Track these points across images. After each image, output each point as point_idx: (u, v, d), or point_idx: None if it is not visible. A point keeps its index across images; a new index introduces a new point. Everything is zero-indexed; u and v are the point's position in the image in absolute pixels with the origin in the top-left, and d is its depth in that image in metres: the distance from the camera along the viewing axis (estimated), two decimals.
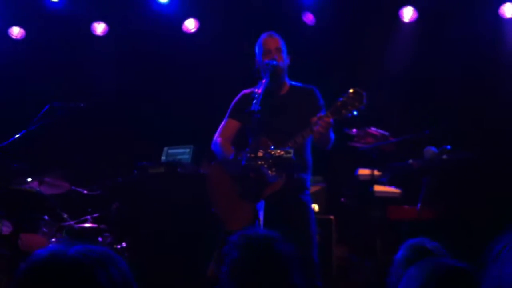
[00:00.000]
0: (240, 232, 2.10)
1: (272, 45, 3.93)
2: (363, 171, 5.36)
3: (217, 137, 4.03)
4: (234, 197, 3.68)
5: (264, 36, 4.00)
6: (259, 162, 3.44)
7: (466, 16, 6.24)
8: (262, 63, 3.89)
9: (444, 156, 4.95)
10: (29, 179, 5.34)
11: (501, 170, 5.75)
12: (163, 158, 5.57)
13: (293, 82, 4.06)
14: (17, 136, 4.96)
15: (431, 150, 5.00)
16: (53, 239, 5.25)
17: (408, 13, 6.48)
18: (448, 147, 5.01)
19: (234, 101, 4.08)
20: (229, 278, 1.97)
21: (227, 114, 4.08)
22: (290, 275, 1.98)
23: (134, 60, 6.94)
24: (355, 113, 3.57)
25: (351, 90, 3.57)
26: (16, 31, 6.96)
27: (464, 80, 6.17)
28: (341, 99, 3.57)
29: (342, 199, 5.60)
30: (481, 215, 4.98)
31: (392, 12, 6.53)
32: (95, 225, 5.45)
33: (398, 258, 2.48)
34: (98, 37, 7.01)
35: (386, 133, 5.29)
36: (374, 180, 5.13)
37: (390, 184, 5.37)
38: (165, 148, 5.66)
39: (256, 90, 3.65)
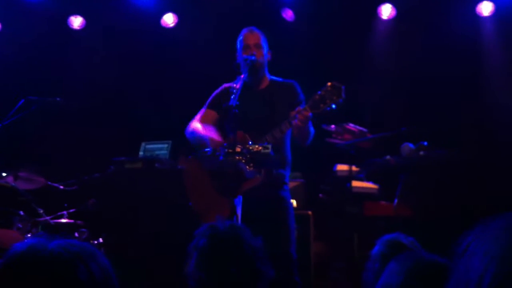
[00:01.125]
0: (207, 224, 2.13)
1: (251, 41, 3.93)
2: (341, 167, 5.38)
3: (193, 123, 3.99)
4: (211, 192, 3.67)
5: (244, 31, 4.00)
6: (237, 158, 3.43)
7: (444, 13, 6.30)
8: (241, 58, 3.89)
9: (421, 153, 5.00)
10: (4, 174, 5.26)
11: (477, 166, 5.82)
12: (140, 153, 5.53)
13: (273, 77, 4.06)
14: None
15: (408, 146, 5.04)
16: (28, 235, 5.18)
17: (386, 11, 6.52)
18: (425, 143, 5.05)
19: (214, 93, 4.07)
20: (196, 266, 1.99)
21: (206, 105, 4.06)
22: (255, 262, 2.00)
23: (112, 54, 6.87)
24: (333, 106, 3.58)
25: (329, 84, 3.59)
26: None
27: (441, 77, 6.23)
28: (319, 92, 3.58)
29: (320, 195, 5.62)
30: (456, 211, 5.03)
31: (371, 9, 6.57)
32: (72, 221, 5.39)
33: (374, 253, 2.49)
34: (75, 31, 6.93)
35: (364, 130, 5.31)
36: (352, 176, 5.16)
37: (367, 180, 5.41)
38: (143, 144, 5.63)
39: (235, 85, 3.65)
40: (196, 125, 3.95)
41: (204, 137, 3.78)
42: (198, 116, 4.05)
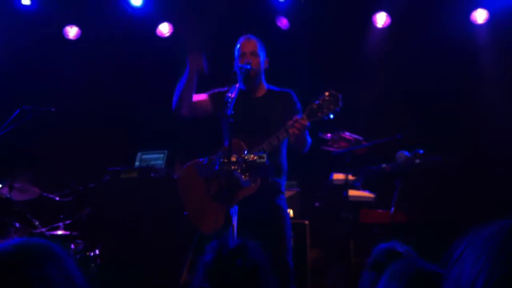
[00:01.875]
0: (216, 240, 2.12)
1: (247, 49, 3.93)
2: (338, 176, 5.38)
3: None
4: (206, 201, 3.65)
5: (242, 39, 4.00)
6: (232, 167, 3.42)
7: (439, 21, 6.32)
8: (236, 67, 3.88)
9: (417, 160, 5.00)
10: None
11: (472, 173, 5.83)
12: (136, 163, 5.52)
13: (270, 86, 4.05)
14: None
15: (403, 154, 5.05)
16: None
17: (381, 19, 6.55)
18: (421, 151, 5.06)
19: (217, 88, 4.04)
20: (202, 281, 1.99)
21: (208, 91, 4.05)
22: (262, 280, 1.99)
23: (107, 64, 6.87)
24: (331, 116, 3.58)
25: (327, 93, 3.59)
26: None
27: (436, 84, 6.24)
28: (317, 101, 3.58)
29: (317, 203, 5.61)
30: (453, 219, 5.02)
31: (365, 18, 6.59)
32: (67, 232, 5.37)
33: (370, 261, 2.48)
34: (70, 41, 6.93)
35: (360, 138, 5.32)
36: (348, 185, 5.16)
37: (364, 189, 5.40)
38: (139, 153, 5.61)
39: (230, 94, 3.64)
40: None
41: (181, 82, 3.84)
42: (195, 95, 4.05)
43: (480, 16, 6.36)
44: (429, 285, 1.62)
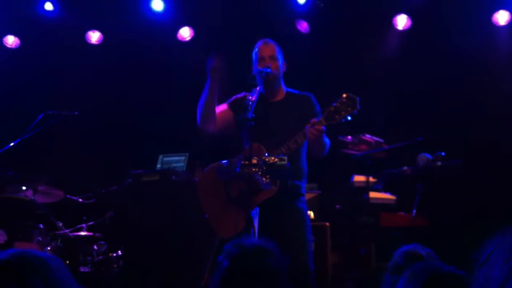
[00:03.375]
0: (235, 241, 2.11)
1: (266, 53, 3.94)
2: (358, 178, 5.36)
3: None
4: (227, 204, 3.67)
5: (260, 43, 4.00)
6: (253, 169, 3.44)
7: (460, 23, 6.27)
8: (256, 71, 3.90)
9: (439, 163, 4.97)
10: (24, 188, 5.33)
11: (494, 177, 5.77)
12: (158, 166, 5.57)
13: (290, 89, 4.06)
14: (11, 144, 4.96)
15: (425, 156, 5.02)
16: (48, 248, 5.23)
17: (402, 21, 6.52)
18: (442, 154, 5.02)
19: (235, 96, 4.05)
20: (219, 286, 1.99)
21: (227, 101, 4.06)
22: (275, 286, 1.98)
23: (129, 68, 6.94)
24: (349, 118, 3.58)
25: (344, 95, 3.59)
26: (11, 40, 6.96)
27: (458, 87, 6.20)
28: (334, 104, 3.58)
29: (337, 206, 5.60)
30: (474, 222, 4.98)
31: (386, 20, 6.57)
32: (90, 234, 5.44)
33: (391, 264, 2.48)
34: (93, 45, 7.02)
35: (381, 140, 5.30)
36: (369, 187, 5.14)
37: (385, 191, 5.38)
38: (160, 156, 5.66)
39: (250, 97, 3.66)
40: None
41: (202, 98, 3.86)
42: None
43: (502, 17, 6.30)
44: (446, 286, 1.61)
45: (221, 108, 4.02)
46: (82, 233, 5.44)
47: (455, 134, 5.94)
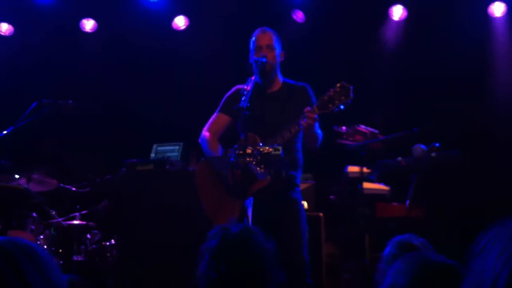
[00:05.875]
0: (219, 226, 2.13)
1: (263, 42, 3.91)
2: (352, 169, 5.37)
3: (205, 132, 4.02)
4: (222, 194, 3.67)
5: (257, 32, 3.97)
6: (248, 159, 3.43)
7: (456, 15, 6.27)
8: (253, 60, 3.88)
9: (433, 154, 4.97)
10: (17, 176, 5.31)
11: (489, 168, 5.79)
12: (152, 155, 5.54)
13: (286, 80, 4.04)
14: (4, 132, 4.93)
15: (420, 147, 5.02)
16: (41, 236, 5.22)
17: (397, 12, 6.51)
18: (437, 144, 5.03)
19: (226, 95, 4.06)
20: (207, 267, 2.00)
21: (218, 108, 4.06)
22: (265, 266, 1.99)
23: (124, 57, 6.91)
24: (342, 107, 3.57)
25: (338, 84, 3.58)
26: (4, 28, 6.92)
27: (452, 78, 6.20)
28: (328, 93, 3.58)
29: (331, 197, 5.61)
30: (469, 213, 5.00)
31: (382, 10, 6.56)
32: (84, 222, 5.43)
33: (385, 254, 2.48)
34: (87, 34, 6.98)
35: (376, 131, 5.30)
36: (363, 178, 5.14)
37: (379, 182, 5.39)
38: (154, 145, 5.63)
39: (245, 87, 3.64)
40: (205, 136, 3.98)
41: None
42: (210, 121, 4.05)
43: (498, 9, 6.29)
44: (441, 277, 1.61)
45: (217, 119, 4.03)
46: (76, 222, 5.43)
47: (450, 125, 5.94)
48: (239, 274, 1.96)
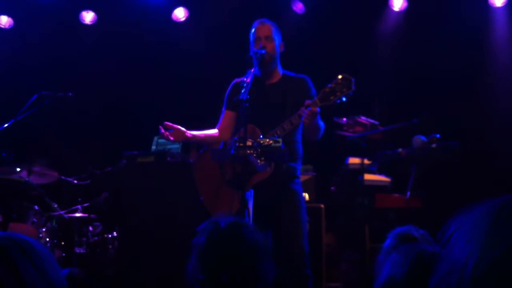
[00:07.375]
0: (210, 220, 2.11)
1: (262, 33, 3.90)
2: (353, 160, 5.37)
3: (217, 130, 4.06)
4: (222, 186, 3.68)
5: (256, 23, 3.96)
6: (248, 151, 3.43)
7: (456, 5, 6.25)
8: (252, 52, 3.87)
9: (433, 145, 4.97)
10: (18, 169, 5.32)
11: (488, 159, 5.79)
12: (153, 147, 5.55)
13: (286, 71, 4.03)
14: (5, 125, 4.93)
15: (420, 138, 5.02)
16: (43, 229, 5.24)
17: (398, 2, 6.49)
18: (437, 136, 5.03)
19: (227, 91, 4.06)
20: (196, 264, 1.99)
21: (224, 106, 4.07)
22: (254, 262, 1.97)
23: (123, 49, 6.90)
24: (344, 99, 3.56)
25: (339, 76, 3.57)
26: (4, 20, 6.91)
27: (453, 69, 6.19)
28: (329, 85, 3.57)
29: (332, 188, 5.61)
30: (468, 204, 5.00)
31: (382, 1, 6.54)
32: (85, 215, 5.44)
33: (385, 246, 2.48)
34: (86, 25, 6.97)
35: (376, 122, 5.30)
36: (363, 169, 5.14)
37: (379, 173, 5.39)
38: (155, 138, 5.64)
39: (245, 79, 3.64)
40: (215, 135, 4.02)
41: None
42: (220, 119, 4.07)
43: None
44: (433, 266, 1.62)
45: (224, 116, 4.05)
46: (77, 214, 5.44)
47: (451, 116, 5.94)
48: (227, 276, 1.93)
